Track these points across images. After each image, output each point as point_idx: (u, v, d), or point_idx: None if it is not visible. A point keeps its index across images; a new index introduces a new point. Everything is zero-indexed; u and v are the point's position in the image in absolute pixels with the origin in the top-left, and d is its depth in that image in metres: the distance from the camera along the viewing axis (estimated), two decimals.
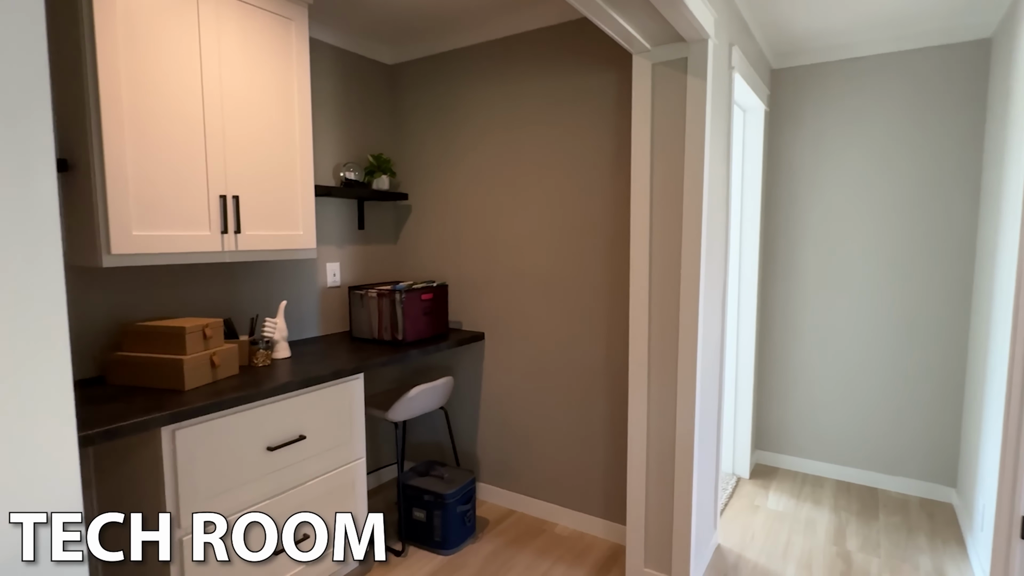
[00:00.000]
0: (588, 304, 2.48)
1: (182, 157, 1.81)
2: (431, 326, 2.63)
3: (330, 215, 2.74)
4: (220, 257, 1.94)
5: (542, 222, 2.57)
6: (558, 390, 2.60)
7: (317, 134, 2.65)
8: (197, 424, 1.64)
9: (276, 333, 2.20)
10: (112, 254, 1.66)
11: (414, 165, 2.97)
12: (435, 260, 2.94)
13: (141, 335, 1.81)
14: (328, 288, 2.76)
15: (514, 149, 2.63)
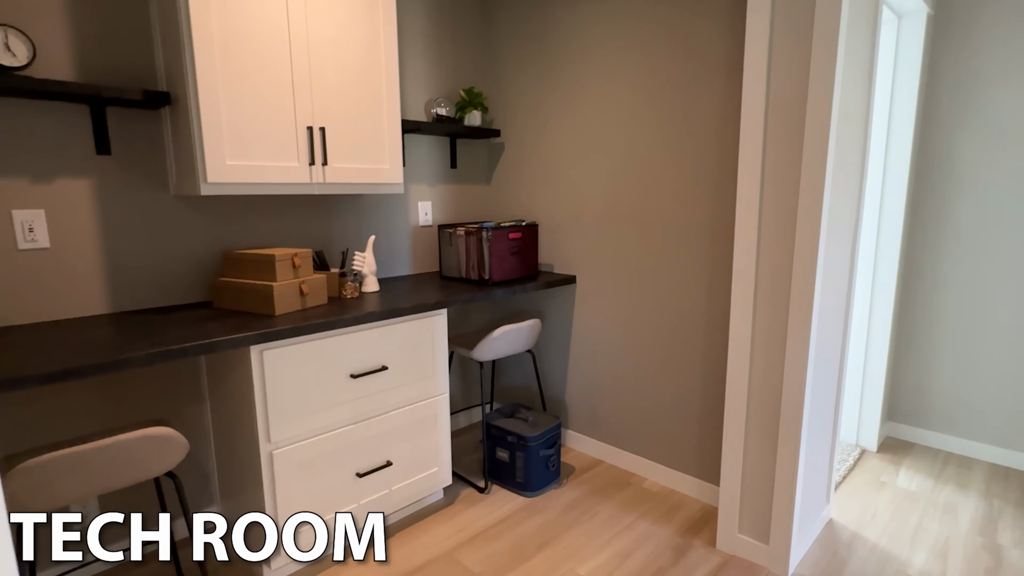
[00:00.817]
0: (688, 246, 2.23)
1: (270, 88, 1.83)
2: (519, 266, 2.54)
3: (422, 153, 2.71)
4: (308, 189, 1.98)
5: (640, 158, 2.34)
6: (652, 338, 2.42)
7: (407, 68, 2.60)
8: (284, 346, 1.71)
9: (365, 267, 2.23)
10: (208, 183, 1.74)
11: (507, 100, 2.83)
12: (528, 200, 2.83)
13: (238, 262, 1.91)
14: (419, 227, 2.76)
15: (613, 77, 2.39)
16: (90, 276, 1.82)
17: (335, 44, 1.98)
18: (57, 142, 1.73)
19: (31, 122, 1.68)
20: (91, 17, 1.75)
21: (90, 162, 1.79)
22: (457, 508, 2.30)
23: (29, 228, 1.70)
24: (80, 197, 1.78)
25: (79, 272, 1.80)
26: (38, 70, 1.66)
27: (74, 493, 1.29)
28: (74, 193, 1.77)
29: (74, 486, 1.29)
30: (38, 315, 1.74)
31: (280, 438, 1.74)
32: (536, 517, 2.24)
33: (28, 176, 1.69)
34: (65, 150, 1.74)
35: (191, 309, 1.93)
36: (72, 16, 1.72)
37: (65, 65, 1.72)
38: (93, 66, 1.77)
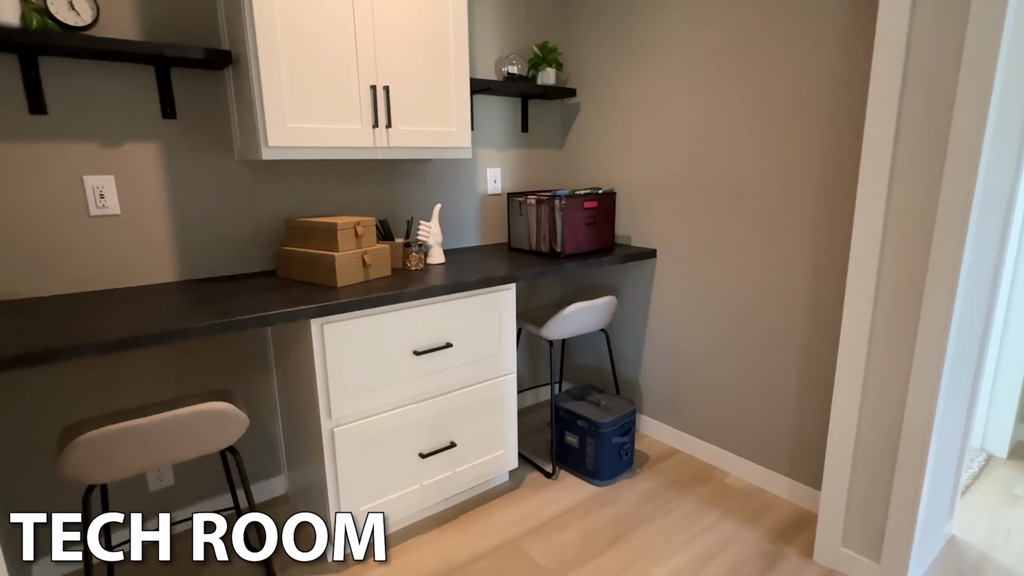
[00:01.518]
0: (790, 220, 1.95)
1: (332, 45, 1.71)
2: (594, 238, 2.34)
3: (491, 115, 2.54)
4: (372, 153, 1.86)
5: (735, 119, 2.05)
6: (742, 321, 2.16)
7: (476, 23, 2.41)
8: (345, 320, 1.62)
9: (430, 237, 2.11)
10: (269, 146, 1.65)
11: (584, 55, 2.59)
12: (605, 167, 2.60)
13: (301, 230, 1.84)
14: (488, 195, 2.61)
15: (706, 25, 2.09)
16: (159, 243, 1.81)
17: (400, 2, 1.82)
18: (124, 106, 1.69)
19: (98, 85, 1.65)
20: None
21: (156, 126, 1.75)
22: (523, 493, 2.19)
23: (100, 195, 1.69)
24: (147, 163, 1.75)
25: (148, 239, 1.79)
26: (102, 30, 1.62)
27: (134, 465, 1.27)
28: (142, 158, 1.74)
29: (134, 458, 1.26)
30: (110, 282, 1.74)
31: (341, 415, 1.67)
32: (607, 508, 2.08)
33: (97, 141, 1.67)
34: (132, 114, 1.71)
35: (256, 278, 1.89)
36: None
37: (129, 25, 1.66)
38: (157, 26, 1.71)
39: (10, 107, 1.54)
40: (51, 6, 1.48)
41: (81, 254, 1.68)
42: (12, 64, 1.53)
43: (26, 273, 1.61)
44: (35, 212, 1.60)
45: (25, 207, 1.59)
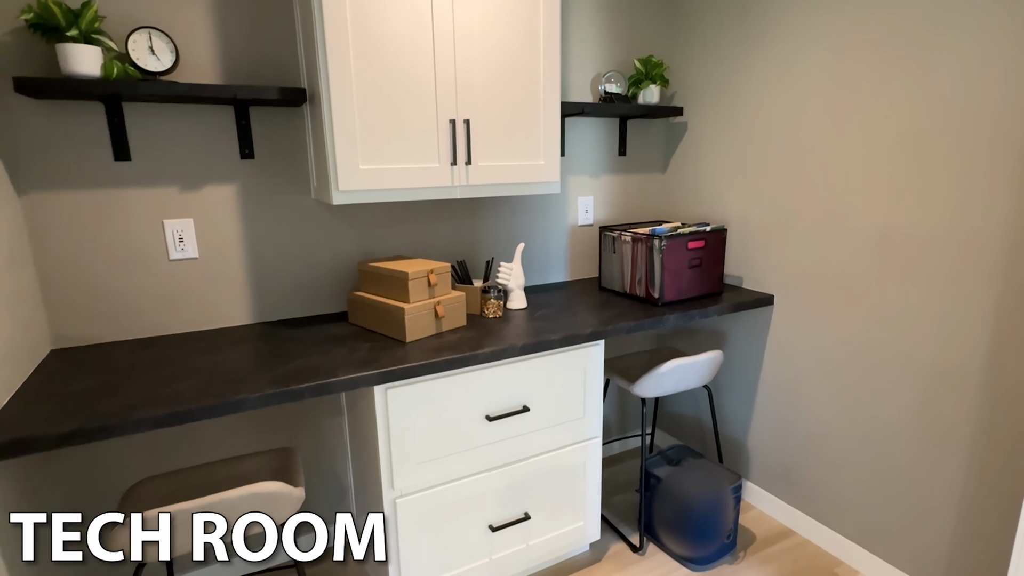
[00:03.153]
0: (960, 283, 1.53)
1: (409, 78, 1.56)
2: (699, 283, 2.03)
3: (584, 138, 2.30)
4: (450, 193, 1.70)
5: (887, 146, 1.66)
6: (883, 391, 1.76)
7: (571, 39, 2.18)
8: (410, 385, 1.47)
9: (511, 280, 1.92)
10: (340, 191, 1.54)
11: (694, 69, 2.27)
12: (714, 196, 2.27)
13: (372, 276, 1.72)
14: (579, 226, 2.37)
15: (852, 27, 1.71)
16: (235, 286, 1.77)
17: (484, 21, 1.64)
18: (204, 148, 1.66)
19: (180, 128, 1.62)
20: (234, 14, 1.63)
21: (235, 167, 1.71)
22: (605, 569, 1.94)
23: (179, 238, 1.67)
24: (225, 204, 1.71)
25: (225, 282, 1.75)
26: (182, 72, 1.58)
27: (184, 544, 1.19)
28: (220, 200, 1.70)
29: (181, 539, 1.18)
30: (187, 324, 1.72)
31: (405, 485, 1.53)
32: None
33: (178, 184, 1.64)
34: (211, 156, 1.67)
35: (328, 323, 1.80)
36: (215, 15, 1.60)
37: (208, 66, 1.62)
38: (236, 66, 1.65)
39: (97, 155, 1.54)
40: (132, 53, 1.45)
41: (160, 298, 1.67)
42: (99, 111, 1.53)
43: (106, 318, 1.62)
44: (117, 257, 1.60)
45: (107, 253, 1.59)
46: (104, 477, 1.66)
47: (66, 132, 1.50)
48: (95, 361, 1.47)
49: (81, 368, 1.43)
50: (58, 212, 1.52)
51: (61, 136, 1.49)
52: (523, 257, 2.25)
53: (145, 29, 1.45)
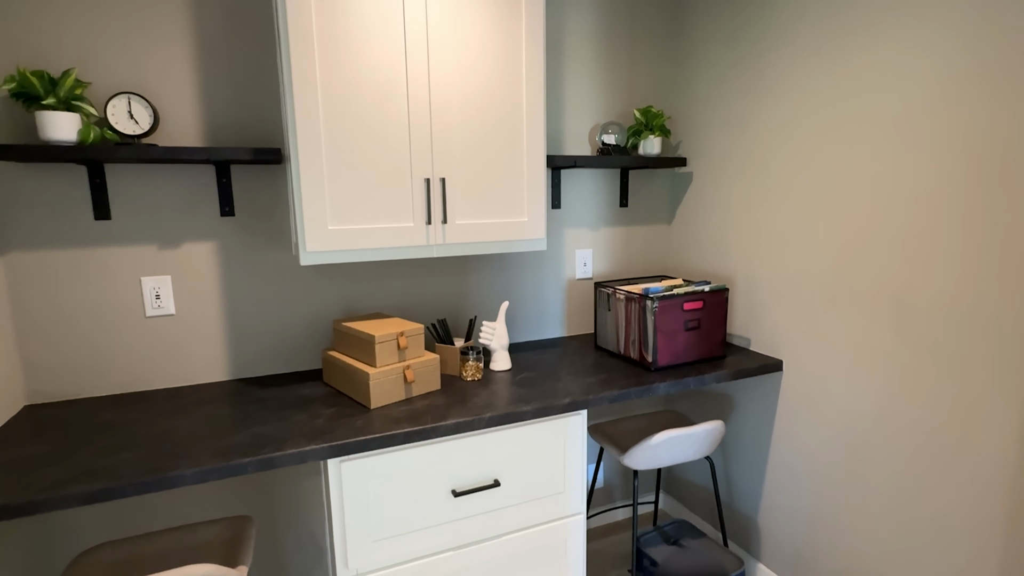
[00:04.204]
0: (986, 361, 1.35)
1: (382, 136, 1.54)
2: (697, 346, 1.89)
3: (582, 189, 2.22)
4: (426, 252, 1.65)
5: (903, 206, 1.51)
6: (906, 474, 1.57)
7: (568, 90, 2.13)
8: (367, 458, 1.40)
9: (493, 340, 1.84)
10: (308, 251, 1.51)
11: (698, 119, 2.18)
12: (723, 251, 2.13)
13: (344, 336, 1.67)
14: (577, 280, 2.27)
15: (859, 80, 1.59)
16: (211, 342, 1.75)
17: (462, 76, 1.61)
18: (184, 206, 1.67)
19: (160, 187, 1.64)
20: (219, 76, 1.65)
21: (214, 225, 1.71)
22: None
23: (156, 295, 1.67)
24: (204, 261, 1.71)
25: (201, 338, 1.74)
26: (164, 133, 1.61)
27: None
28: (198, 257, 1.71)
29: None
30: (162, 380, 1.71)
31: (361, 564, 1.44)
32: None
33: (157, 242, 1.66)
34: (191, 214, 1.68)
35: (301, 382, 1.75)
36: (201, 76, 1.64)
37: (192, 126, 1.64)
38: (221, 125, 1.67)
39: (78, 214, 1.57)
40: (111, 118, 1.48)
41: (135, 355, 1.67)
42: (81, 173, 1.56)
43: (81, 373, 1.62)
44: (94, 314, 1.62)
45: (85, 309, 1.61)
46: (60, 538, 1.64)
47: (47, 193, 1.53)
48: (59, 421, 1.47)
49: (43, 429, 1.42)
50: (38, 271, 1.55)
51: (42, 197, 1.53)
52: (516, 312, 2.17)
53: (124, 95, 1.49)
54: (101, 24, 1.52)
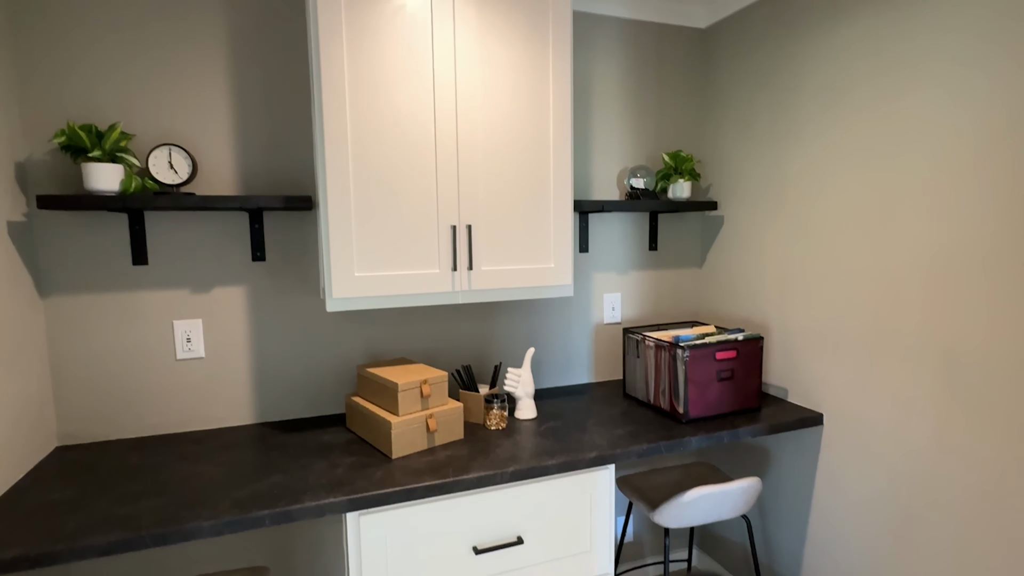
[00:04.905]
0: None
1: (409, 182, 1.55)
2: (730, 397, 1.81)
3: (610, 233, 2.20)
4: (451, 298, 1.64)
5: (947, 255, 1.44)
6: (962, 543, 1.44)
7: (595, 134, 2.13)
8: (385, 511, 1.36)
9: (519, 387, 1.80)
10: (334, 298, 1.51)
11: (728, 162, 2.15)
12: (755, 296, 2.07)
13: (367, 382, 1.66)
14: (605, 325, 2.23)
15: (898, 124, 1.55)
16: (238, 386, 1.76)
17: (489, 123, 1.62)
18: (217, 251, 1.71)
19: (195, 233, 1.69)
20: (255, 126, 1.71)
21: (245, 269, 1.74)
22: None
23: (187, 338, 1.70)
24: (234, 305, 1.74)
25: (229, 382, 1.75)
26: (201, 181, 1.66)
27: None
28: (229, 301, 1.73)
29: None
30: (187, 424, 1.72)
31: None
32: None
33: (189, 286, 1.69)
34: (223, 259, 1.72)
35: (324, 428, 1.74)
36: (238, 127, 1.70)
37: (227, 174, 1.70)
38: (252, 171, 1.72)
39: (117, 260, 1.62)
40: (152, 168, 1.53)
41: (164, 397, 1.69)
42: (121, 220, 1.62)
43: (110, 415, 1.65)
44: (126, 356, 1.65)
45: (118, 352, 1.64)
46: None
47: (89, 240, 1.59)
48: (86, 465, 1.48)
49: (69, 473, 1.43)
50: (76, 314, 1.59)
51: (84, 243, 1.59)
52: (542, 357, 2.13)
53: (165, 146, 1.55)
54: (146, 80, 1.60)
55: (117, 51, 1.57)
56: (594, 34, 2.09)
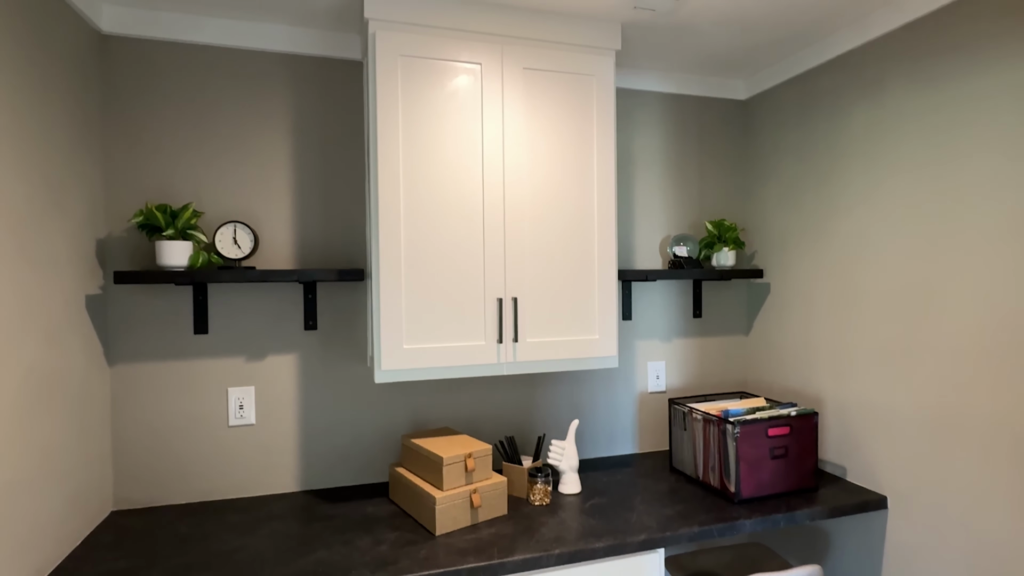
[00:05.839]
0: None
1: (458, 257, 1.60)
2: (785, 476, 1.73)
3: (653, 300, 2.19)
4: (496, 370, 1.65)
5: (1008, 329, 1.37)
6: None
7: (637, 202, 2.16)
8: None
9: (562, 461, 1.76)
10: (383, 370, 1.54)
11: (773, 229, 2.13)
12: (805, 367, 2.01)
13: (412, 453, 1.66)
14: (649, 393, 2.19)
15: (954, 189, 1.52)
16: (286, 452, 1.79)
17: (535, 197, 1.67)
18: (272, 320, 1.78)
19: (253, 303, 1.76)
20: (310, 202, 1.81)
21: (298, 338, 1.80)
22: None
23: (240, 405, 1.75)
24: (285, 372, 1.79)
25: (277, 448, 1.78)
26: (261, 255, 1.75)
27: None
28: (281, 368, 1.79)
29: None
30: (235, 490, 1.75)
31: None
32: None
33: (245, 354, 1.76)
34: (278, 327, 1.78)
35: (368, 498, 1.74)
36: (297, 205, 1.79)
37: (285, 248, 1.78)
38: (308, 243, 1.81)
39: (179, 329, 1.70)
40: (218, 244, 1.63)
41: (215, 463, 1.73)
42: (187, 291, 1.71)
43: (164, 481, 1.69)
44: (182, 422, 1.70)
45: (175, 418, 1.70)
46: None
47: (155, 309, 1.68)
48: (139, 532, 1.51)
49: (123, 540, 1.46)
50: (139, 381, 1.67)
51: (151, 313, 1.68)
52: (586, 426, 2.09)
53: (231, 223, 1.64)
54: (217, 161, 1.72)
55: (193, 135, 1.70)
56: (636, 108, 2.15)
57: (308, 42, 1.78)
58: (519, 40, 1.66)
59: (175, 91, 1.69)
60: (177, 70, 1.69)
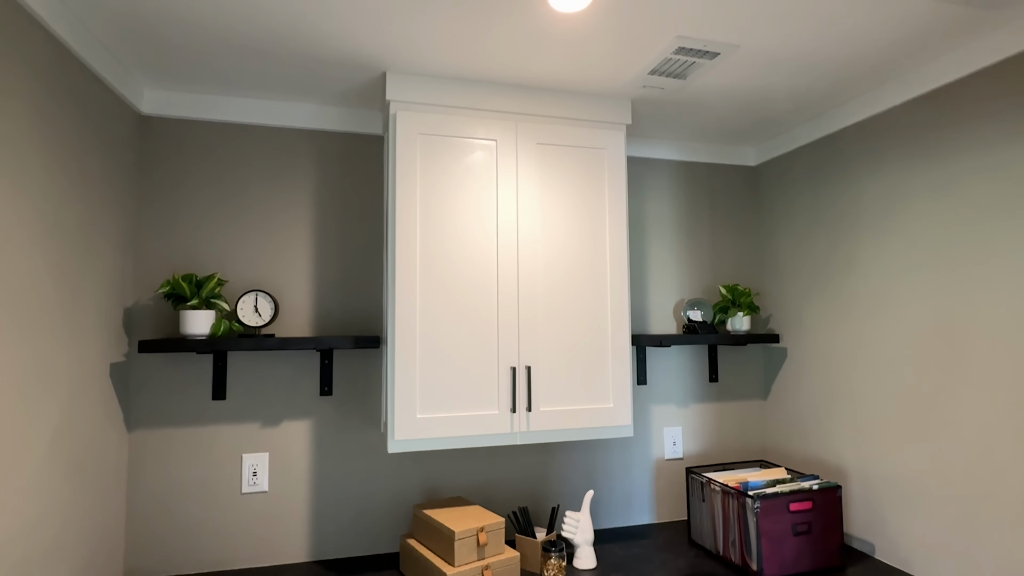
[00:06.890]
0: None
1: (471, 326, 1.62)
2: (809, 553, 1.67)
3: (668, 366, 2.17)
4: (510, 439, 1.64)
5: None
6: None
7: (651, 267, 2.18)
8: None
9: (577, 534, 1.72)
10: (396, 439, 1.54)
11: (788, 294, 2.13)
12: (826, 437, 1.96)
13: (422, 524, 1.64)
14: (666, 460, 2.14)
15: (960, 264, 1.52)
16: (297, 521, 1.77)
17: (548, 266, 1.70)
18: (288, 386, 1.80)
19: (270, 369, 1.79)
20: (329, 271, 1.86)
21: (313, 403, 1.82)
22: None
23: (254, 472, 1.75)
24: (299, 438, 1.80)
25: (288, 517, 1.77)
26: (280, 322, 1.79)
27: None
28: (295, 434, 1.79)
29: None
30: (245, 560, 1.73)
31: None
32: None
33: (260, 420, 1.77)
34: (294, 393, 1.80)
35: (376, 570, 1.70)
36: (316, 275, 1.85)
37: (303, 316, 1.82)
38: (325, 311, 1.84)
39: (198, 395, 1.73)
40: (239, 312, 1.68)
41: (226, 531, 1.72)
42: (207, 360, 1.75)
43: (173, 551, 1.68)
44: (196, 489, 1.70)
45: (189, 484, 1.70)
46: None
47: (176, 376, 1.72)
48: None
49: None
50: (156, 447, 1.69)
51: (171, 379, 1.71)
52: (601, 496, 2.05)
53: (253, 292, 1.70)
54: (242, 234, 1.79)
55: (220, 206, 1.78)
56: (648, 175, 2.20)
57: (332, 119, 1.87)
58: (533, 117, 1.73)
59: (205, 165, 1.78)
60: (208, 146, 1.79)
